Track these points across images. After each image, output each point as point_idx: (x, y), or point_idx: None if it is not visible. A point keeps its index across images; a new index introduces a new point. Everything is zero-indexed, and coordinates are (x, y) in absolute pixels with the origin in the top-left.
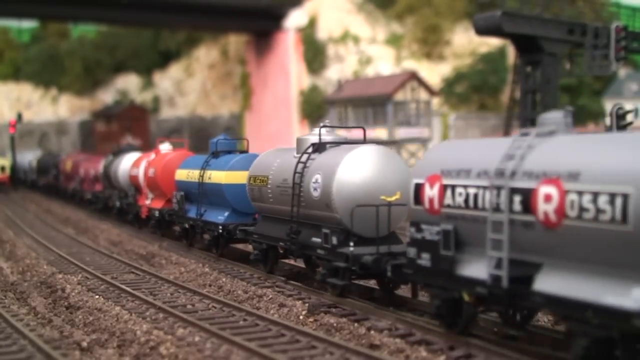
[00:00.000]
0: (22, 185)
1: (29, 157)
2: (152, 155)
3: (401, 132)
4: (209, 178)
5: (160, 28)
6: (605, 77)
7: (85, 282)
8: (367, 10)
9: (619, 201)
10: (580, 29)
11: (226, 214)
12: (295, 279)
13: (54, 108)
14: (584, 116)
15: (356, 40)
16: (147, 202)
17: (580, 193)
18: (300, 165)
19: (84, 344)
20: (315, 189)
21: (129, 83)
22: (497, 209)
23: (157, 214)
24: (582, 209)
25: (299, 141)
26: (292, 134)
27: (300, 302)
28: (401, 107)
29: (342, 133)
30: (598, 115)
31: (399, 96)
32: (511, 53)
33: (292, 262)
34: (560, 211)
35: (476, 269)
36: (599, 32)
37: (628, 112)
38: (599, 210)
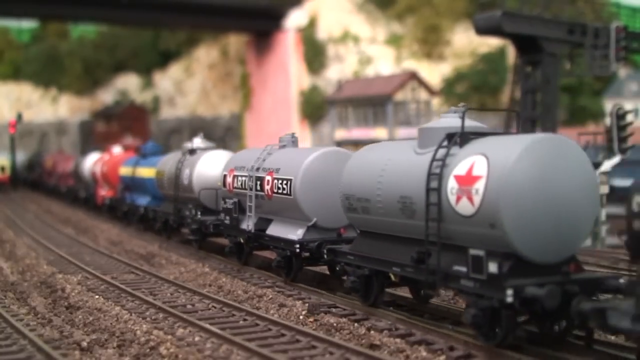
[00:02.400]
0: (21, 185)
1: (22, 157)
2: (107, 156)
3: (401, 132)
4: (138, 173)
5: (160, 28)
6: (605, 77)
7: (85, 282)
8: (367, 10)
9: (289, 183)
10: (580, 29)
11: (148, 199)
12: (295, 279)
13: (54, 108)
14: (584, 116)
15: (356, 40)
16: (103, 192)
17: (278, 179)
18: (179, 164)
19: (84, 344)
20: (186, 179)
21: (129, 83)
22: (251, 188)
23: (107, 201)
24: (279, 188)
25: (182, 147)
26: None
27: (300, 302)
28: (401, 107)
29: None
30: (598, 115)
31: (399, 96)
32: (511, 53)
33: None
34: (272, 189)
35: (246, 224)
36: (599, 32)
37: (628, 112)
38: (283, 188)
